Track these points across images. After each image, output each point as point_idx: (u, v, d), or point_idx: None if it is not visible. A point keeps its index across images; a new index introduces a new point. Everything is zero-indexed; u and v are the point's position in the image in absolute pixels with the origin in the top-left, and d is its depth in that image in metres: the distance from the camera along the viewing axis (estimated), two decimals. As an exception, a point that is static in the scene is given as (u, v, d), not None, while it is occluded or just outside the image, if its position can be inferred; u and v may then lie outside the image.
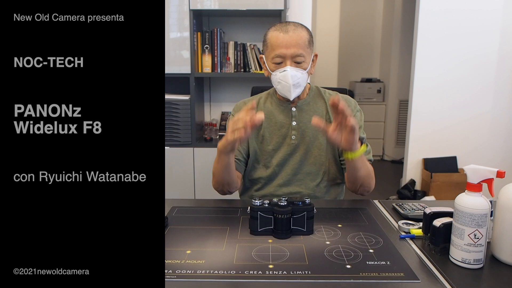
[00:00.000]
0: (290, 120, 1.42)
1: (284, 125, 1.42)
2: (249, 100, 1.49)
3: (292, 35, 1.30)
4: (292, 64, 1.31)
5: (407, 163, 3.32)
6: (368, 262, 0.91)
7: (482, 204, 0.86)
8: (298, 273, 0.86)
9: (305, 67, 1.33)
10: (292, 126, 1.41)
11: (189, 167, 2.66)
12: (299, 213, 1.05)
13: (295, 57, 1.31)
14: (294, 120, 1.41)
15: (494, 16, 3.04)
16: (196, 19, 2.66)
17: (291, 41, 1.29)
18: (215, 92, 3.05)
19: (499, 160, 3.24)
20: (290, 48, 1.30)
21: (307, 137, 1.41)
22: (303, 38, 1.32)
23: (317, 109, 1.43)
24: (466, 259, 0.87)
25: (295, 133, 1.41)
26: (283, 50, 1.30)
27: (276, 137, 1.42)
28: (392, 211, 1.25)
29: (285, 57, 1.31)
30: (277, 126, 1.42)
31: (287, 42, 1.29)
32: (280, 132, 1.42)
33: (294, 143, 1.41)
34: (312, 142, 1.41)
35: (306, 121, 1.41)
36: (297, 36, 1.30)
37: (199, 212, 1.24)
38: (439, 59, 3.12)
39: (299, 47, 1.30)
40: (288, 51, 1.30)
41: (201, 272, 0.86)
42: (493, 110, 3.18)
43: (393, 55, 4.73)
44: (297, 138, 1.41)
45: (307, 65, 1.34)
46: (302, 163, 1.40)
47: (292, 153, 1.41)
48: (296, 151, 1.41)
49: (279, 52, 1.31)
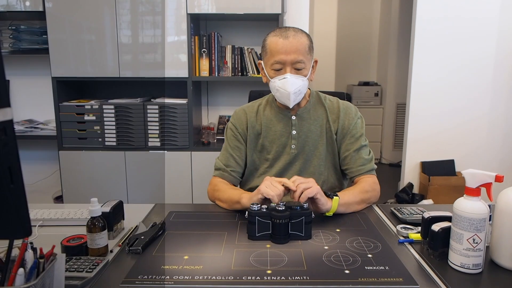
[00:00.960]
0: (290, 129, 1.40)
1: (284, 134, 1.40)
2: (248, 107, 1.47)
3: (292, 40, 1.27)
4: (292, 71, 1.29)
5: (405, 167, 3.33)
6: (367, 267, 0.90)
7: (481, 209, 0.86)
8: (296, 278, 0.85)
9: (305, 74, 1.31)
10: (292, 135, 1.39)
11: (186, 171, 2.65)
12: (297, 218, 1.04)
13: (295, 63, 1.28)
14: (294, 129, 1.39)
15: (491, 21, 3.06)
16: (194, 23, 2.66)
17: (291, 47, 1.27)
18: (213, 96, 3.05)
19: (497, 163, 3.24)
20: (290, 54, 1.27)
21: (306, 146, 1.39)
22: (303, 44, 1.29)
23: (317, 117, 1.41)
24: (465, 264, 0.87)
25: (295, 143, 1.39)
26: (282, 56, 1.27)
27: (276, 146, 1.41)
28: (390, 215, 1.24)
29: (284, 64, 1.28)
30: (277, 135, 1.41)
31: (287, 48, 1.27)
32: (279, 141, 1.40)
33: (294, 153, 1.39)
34: (312, 152, 1.40)
35: (306, 130, 1.39)
36: (297, 42, 1.27)
37: (197, 217, 1.23)
38: (437, 62, 3.13)
39: (299, 53, 1.27)
40: (288, 58, 1.27)
41: (198, 278, 0.85)
42: (490, 113, 3.19)
43: (391, 58, 4.74)
44: (297, 148, 1.39)
45: (307, 71, 1.31)
46: (301, 173, 1.39)
47: (292, 163, 1.40)
48: (296, 160, 1.40)
49: (279, 58, 1.28)
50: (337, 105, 1.42)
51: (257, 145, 1.43)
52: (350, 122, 1.39)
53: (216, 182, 1.39)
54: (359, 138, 1.39)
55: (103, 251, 0.96)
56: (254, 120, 1.44)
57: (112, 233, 1.07)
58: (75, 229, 1.09)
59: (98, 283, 0.83)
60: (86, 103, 2.63)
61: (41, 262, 0.67)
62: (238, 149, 1.43)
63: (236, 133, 1.44)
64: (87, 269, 0.85)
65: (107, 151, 2.64)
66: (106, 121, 2.62)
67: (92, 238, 0.94)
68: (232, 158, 1.42)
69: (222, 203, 1.32)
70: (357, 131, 1.39)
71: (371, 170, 1.38)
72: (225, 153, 1.44)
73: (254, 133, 1.43)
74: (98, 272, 0.86)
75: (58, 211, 1.21)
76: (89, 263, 0.88)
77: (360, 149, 1.38)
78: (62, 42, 2.56)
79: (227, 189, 1.34)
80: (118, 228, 1.11)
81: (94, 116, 2.62)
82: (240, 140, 1.44)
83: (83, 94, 2.91)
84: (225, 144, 1.46)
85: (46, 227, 1.16)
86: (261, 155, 1.43)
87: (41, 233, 1.12)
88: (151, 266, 0.90)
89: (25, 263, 0.65)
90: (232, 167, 1.41)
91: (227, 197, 1.30)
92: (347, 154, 1.39)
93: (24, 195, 0.58)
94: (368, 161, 1.38)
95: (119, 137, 2.63)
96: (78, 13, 2.53)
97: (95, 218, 0.95)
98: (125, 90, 2.87)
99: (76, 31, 2.55)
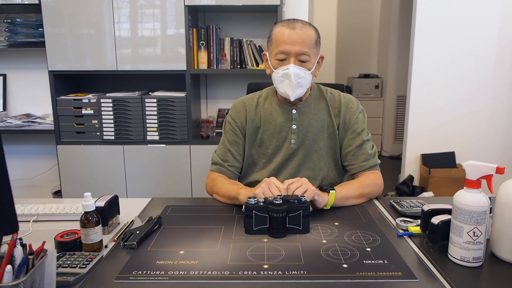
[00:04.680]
0: (290, 123, 1.37)
1: (284, 128, 1.37)
2: (248, 99, 1.44)
3: (299, 32, 1.24)
4: (296, 63, 1.26)
5: (405, 159, 3.31)
6: (365, 261, 0.89)
7: (481, 201, 0.84)
8: (293, 273, 0.84)
9: (309, 67, 1.27)
10: (292, 129, 1.37)
11: (186, 165, 2.63)
12: (294, 211, 1.03)
13: (300, 55, 1.25)
14: (294, 124, 1.37)
15: (492, 11, 3.01)
16: (192, 15, 2.62)
17: (297, 38, 1.24)
18: (212, 88, 3.02)
19: (498, 155, 3.22)
20: (295, 45, 1.24)
21: (306, 141, 1.37)
22: (310, 36, 1.26)
23: (318, 111, 1.38)
24: (465, 257, 0.86)
25: (294, 137, 1.37)
26: (287, 47, 1.25)
27: (276, 140, 1.38)
28: (390, 208, 1.23)
29: (289, 54, 1.25)
30: (277, 129, 1.38)
31: (292, 38, 1.24)
32: (279, 135, 1.38)
33: (294, 147, 1.37)
34: (312, 147, 1.37)
35: (307, 125, 1.37)
36: (304, 34, 1.24)
37: (194, 211, 1.22)
38: (437, 54, 3.09)
39: (305, 45, 1.24)
40: (293, 48, 1.24)
41: (194, 273, 0.84)
42: (491, 105, 3.16)
43: (391, 50, 4.70)
44: (297, 142, 1.37)
45: (312, 65, 1.28)
46: (300, 168, 1.37)
47: (291, 157, 1.37)
48: (295, 155, 1.38)
49: (284, 48, 1.25)
50: (339, 99, 1.39)
51: (256, 139, 1.40)
52: (352, 117, 1.37)
53: (215, 176, 1.38)
54: (360, 133, 1.36)
55: (98, 247, 0.94)
56: (253, 114, 1.41)
57: (107, 228, 1.06)
58: (71, 224, 1.08)
59: (91, 279, 0.82)
60: (84, 97, 2.61)
61: (31, 258, 0.65)
62: (236, 143, 1.41)
63: (235, 127, 1.42)
64: (80, 265, 0.84)
65: (105, 145, 2.62)
66: (104, 115, 2.60)
67: (86, 233, 0.93)
68: (230, 153, 1.40)
69: (220, 197, 1.31)
70: (359, 126, 1.37)
71: (374, 165, 1.35)
72: (222, 147, 1.42)
73: (253, 126, 1.41)
74: (92, 267, 0.84)
75: (53, 206, 1.19)
76: (83, 258, 0.86)
77: (363, 145, 1.35)
78: (58, 35, 2.53)
79: (225, 184, 1.32)
80: (113, 223, 1.10)
81: (92, 110, 2.60)
82: (238, 134, 1.41)
83: (81, 87, 2.88)
84: (223, 138, 1.44)
85: (41, 222, 1.14)
86: (259, 149, 1.40)
87: (36, 228, 1.11)
88: (146, 262, 0.89)
89: (14, 260, 0.64)
90: (230, 162, 1.40)
91: (225, 191, 1.28)
92: (349, 150, 1.36)
93: (10, 191, 0.57)
94: (371, 156, 1.35)
95: (117, 131, 2.61)
96: (75, 6, 2.50)
97: (89, 213, 0.94)
98: (123, 84, 2.85)
99: (72, 24, 2.52)
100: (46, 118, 2.81)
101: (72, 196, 2.61)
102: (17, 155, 3.00)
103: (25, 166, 3.01)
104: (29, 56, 2.88)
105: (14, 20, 2.67)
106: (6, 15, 2.72)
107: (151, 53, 2.56)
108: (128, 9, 2.50)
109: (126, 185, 2.66)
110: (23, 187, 3.03)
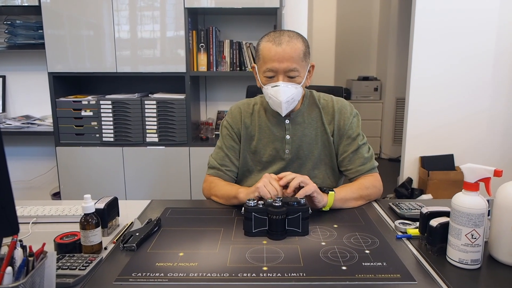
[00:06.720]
0: (283, 133, 1.37)
1: (278, 138, 1.37)
2: (244, 105, 1.44)
3: (285, 48, 1.21)
4: (284, 79, 1.23)
5: (404, 161, 3.31)
6: (364, 263, 0.89)
7: (480, 204, 0.84)
8: (292, 275, 0.84)
9: (299, 81, 1.25)
10: (286, 140, 1.36)
11: (185, 167, 2.64)
12: (294, 213, 1.03)
13: (288, 71, 1.23)
14: (288, 134, 1.36)
15: (491, 14, 3.03)
16: (191, 17, 2.63)
17: (284, 55, 1.21)
18: (211, 91, 3.02)
19: (497, 158, 3.23)
20: (283, 62, 1.21)
21: (301, 151, 1.37)
22: (298, 50, 1.22)
23: (311, 120, 1.38)
24: (463, 260, 0.86)
25: (288, 147, 1.36)
26: (275, 64, 1.22)
27: (270, 150, 1.38)
28: (388, 210, 1.23)
29: (277, 72, 1.23)
30: (271, 139, 1.38)
31: (280, 55, 1.21)
32: (273, 145, 1.37)
33: (288, 157, 1.37)
34: (307, 156, 1.37)
35: (300, 135, 1.36)
36: (290, 49, 1.21)
37: (193, 213, 1.22)
38: (436, 57, 3.10)
39: (292, 61, 1.21)
40: (280, 66, 1.22)
41: (193, 275, 0.84)
42: (490, 108, 3.17)
43: (390, 53, 4.71)
44: (291, 152, 1.36)
45: (302, 79, 1.26)
46: None
47: (286, 168, 1.37)
48: (290, 165, 1.37)
49: (271, 66, 1.22)
50: (332, 105, 1.38)
51: (250, 147, 1.40)
52: (346, 122, 1.36)
53: (212, 179, 1.38)
54: (356, 138, 1.36)
55: (97, 248, 0.94)
56: (248, 121, 1.41)
57: (107, 230, 1.06)
58: (70, 226, 1.08)
59: (91, 281, 0.82)
60: (83, 99, 2.61)
61: (31, 260, 0.65)
62: (233, 149, 1.41)
63: (232, 133, 1.42)
64: (80, 267, 0.84)
65: (104, 147, 2.63)
66: (103, 116, 2.60)
67: (85, 235, 0.93)
68: (228, 158, 1.40)
69: (219, 199, 1.31)
70: (353, 131, 1.36)
71: (372, 169, 1.35)
72: (220, 152, 1.42)
73: (248, 133, 1.41)
74: (92, 269, 0.85)
75: (52, 208, 1.19)
76: (82, 260, 0.87)
77: (358, 149, 1.35)
78: (58, 37, 2.53)
79: (224, 185, 1.33)
80: (113, 224, 1.10)
81: (91, 111, 2.61)
82: (235, 139, 1.41)
83: (80, 89, 2.89)
84: (220, 143, 1.43)
85: (41, 224, 1.14)
86: (254, 157, 1.40)
87: (35, 230, 1.11)
88: (145, 263, 0.89)
89: (14, 262, 0.64)
90: (228, 167, 1.40)
91: (224, 192, 1.28)
92: (345, 156, 1.36)
93: (11, 193, 0.57)
94: (368, 159, 1.35)
95: (116, 133, 2.62)
96: (75, 8, 2.50)
97: (89, 215, 0.94)
98: (122, 86, 2.85)
99: (72, 26, 2.52)
100: (46, 119, 2.82)
101: (71, 198, 2.61)
102: (16, 156, 3.00)
103: (24, 167, 3.01)
104: (28, 57, 2.88)
105: (14, 21, 2.68)
106: (6, 17, 2.73)
107: (150, 55, 2.56)
108: (127, 11, 2.50)
109: (125, 187, 2.66)
110: (22, 189, 3.03)
